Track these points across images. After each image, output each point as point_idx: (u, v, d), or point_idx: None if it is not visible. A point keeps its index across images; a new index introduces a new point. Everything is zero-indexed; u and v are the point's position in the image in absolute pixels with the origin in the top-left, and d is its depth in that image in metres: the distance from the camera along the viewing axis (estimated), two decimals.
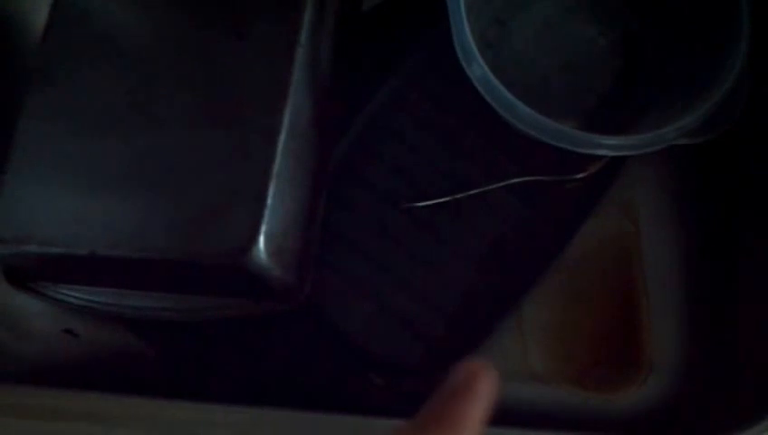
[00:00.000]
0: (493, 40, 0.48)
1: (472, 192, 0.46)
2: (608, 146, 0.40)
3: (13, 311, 0.47)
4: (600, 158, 0.46)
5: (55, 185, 0.41)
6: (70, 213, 0.40)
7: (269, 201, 0.38)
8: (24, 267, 0.43)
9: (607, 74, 0.49)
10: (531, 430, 0.41)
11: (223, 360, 0.46)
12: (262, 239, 0.37)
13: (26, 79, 0.44)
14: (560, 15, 0.49)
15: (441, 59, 0.47)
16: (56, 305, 0.44)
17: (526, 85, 0.47)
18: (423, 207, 0.45)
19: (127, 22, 0.44)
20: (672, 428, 0.46)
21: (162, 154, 0.40)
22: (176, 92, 0.41)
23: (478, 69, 0.39)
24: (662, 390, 0.47)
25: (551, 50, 0.49)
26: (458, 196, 0.45)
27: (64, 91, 0.43)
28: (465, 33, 0.40)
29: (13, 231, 0.41)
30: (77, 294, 0.43)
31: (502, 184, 0.46)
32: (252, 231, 0.37)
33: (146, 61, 0.43)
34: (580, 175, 0.46)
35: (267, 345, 0.45)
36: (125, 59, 0.43)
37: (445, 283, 0.45)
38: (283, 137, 0.39)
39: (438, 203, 0.45)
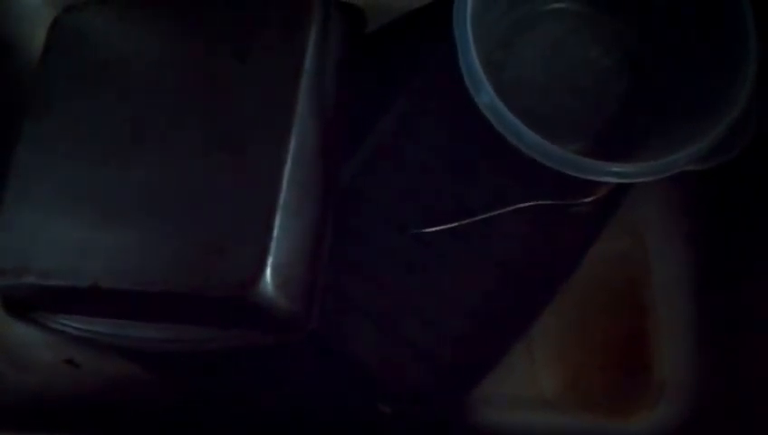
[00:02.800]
0: (497, 63, 0.47)
1: (479, 217, 0.45)
2: (616, 173, 0.39)
3: (12, 341, 0.46)
4: (608, 182, 0.45)
5: (54, 215, 0.40)
6: (70, 244, 0.39)
7: (275, 232, 0.37)
8: (23, 298, 0.42)
9: (613, 97, 0.48)
10: None
11: (227, 391, 0.45)
12: (268, 272, 0.37)
13: (24, 104, 0.44)
14: (564, 37, 0.49)
15: (447, 82, 0.47)
16: (56, 336, 0.44)
17: (531, 108, 0.46)
18: (430, 232, 0.45)
19: (126, 47, 0.43)
20: None
21: (165, 184, 0.39)
22: (178, 121, 0.41)
23: (486, 96, 0.39)
24: (673, 412, 0.46)
25: (556, 72, 0.48)
26: (466, 221, 0.45)
27: (63, 118, 0.42)
28: (472, 60, 0.39)
29: (10, 262, 0.40)
30: (77, 325, 0.42)
31: (510, 208, 0.45)
32: (258, 263, 0.37)
33: (146, 87, 0.42)
34: (589, 199, 0.46)
35: (273, 376, 0.45)
36: (125, 85, 0.42)
37: (453, 308, 0.44)
38: (288, 166, 0.38)
39: (446, 228, 0.45)
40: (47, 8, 0.50)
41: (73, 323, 0.42)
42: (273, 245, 0.37)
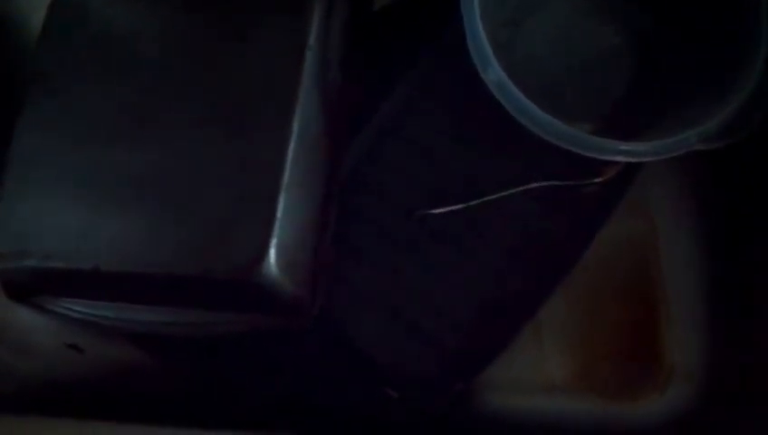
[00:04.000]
0: (505, 41, 0.46)
1: (487, 199, 0.44)
2: (627, 152, 0.38)
3: (14, 326, 0.46)
4: (619, 161, 0.44)
5: (55, 197, 0.40)
6: (72, 226, 0.39)
7: (279, 213, 0.36)
8: (25, 282, 0.41)
9: (622, 76, 0.47)
10: None
11: (231, 376, 0.44)
12: (272, 253, 0.36)
13: (23, 85, 0.43)
14: (573, 16, 0.48)
15: (453, 61, 0.46)
16: (59, 320, 0.43)
17: (540, 88, 0.45)
18: (437, 215, 0.44)
19: (127, 26, 0.42)
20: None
21: (167, 165, 0.39)
22: (180, 101, 0.40)
23: (494, 73, 0.38)
24: (683, 396, 0.46)
25: (564, 51, 0.48)
26: (473, 203, 0.44)
27: (63, 99, 0.42)
28: (479, 37, 0.38)
29: (11, 245, 0.39)
30: (80, 309, 0.42)
31: (518, 190, 0.44)
32: (262, 245, 0.36)
33: (148, 67, 0.41)
34: (598, 180, 0.45)
35: (277, 361, 0.44)
36: (126, 66, 0.41)
37: (460, 293, 0.44)
38: (292, 146, 0.38)
39: (453, 211, 0.44)
40: None
41: (76, 307, 0.42)
42: (276, 226, 0.36)
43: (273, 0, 0.40)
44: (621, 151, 0.38)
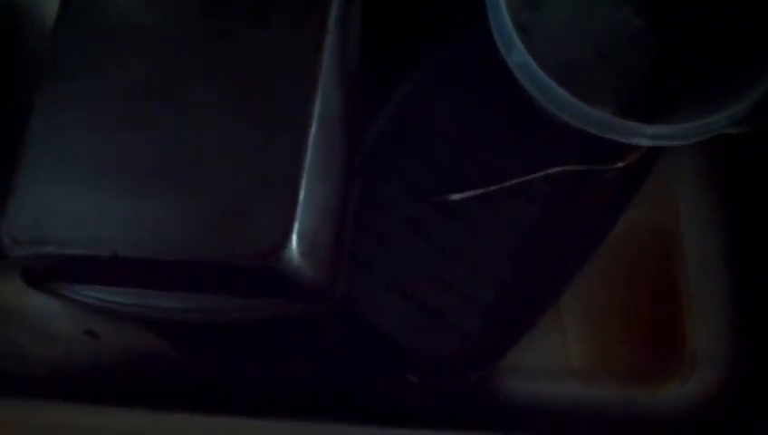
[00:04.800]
0: (525, 24, 0.46)
1: (507, 183, 0.44)
2: (655, 136, 0.38)
3: (31, 313, 0.46)
4: (641, 146, 0.44)
5: (72, 183, 0.39)
6: (89, 212, 0.38)
7: (301, 197, 0.36)
8: (42, 268, 0.41)
9: (641, 58, 0.47)
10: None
11: (250, 362, 0.44)
12: (294, 238, 0.35)
13: (36, 70, 0.43)
14: None
15: (473, 44, 0.45)
16: (76, 306, 0.43)
17: (560, 70, 0.44)
18: (457, 200, 0.43)
19: (142, 12, 0.42)
20: (716, 422, 0.44)
21: (186, 148, 0.38)
22: (197, 83, 0.39)
23: (519, 56, 0.37)
24: (705, 384, 0.45)
25: (584, 33, 0.47)
26: (493, 187, 0.44)
27: (77, 85, 0.41)
28: (504, 20, 0.38)
29: (29, 232, 0.39)
30: (97, 295, 0.41)
31: (539, 174, 0.44)
32: (284, 229, 0.35)
33: (163, 53, 0.40)
34: (620, 164, 0.44)
35: (297, 346, 0.44)
36: (141, 51, 0.41)
37: (480, 277, 0.44)
38: (313, 128, 0.37)
39: (472, 195, 0.44)
40: None
41: (94, 293, 0.41)
42: (298, 211, 0.36)
43: None
44: (649, 135, 0.38)
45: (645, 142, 0.38)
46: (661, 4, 0.46)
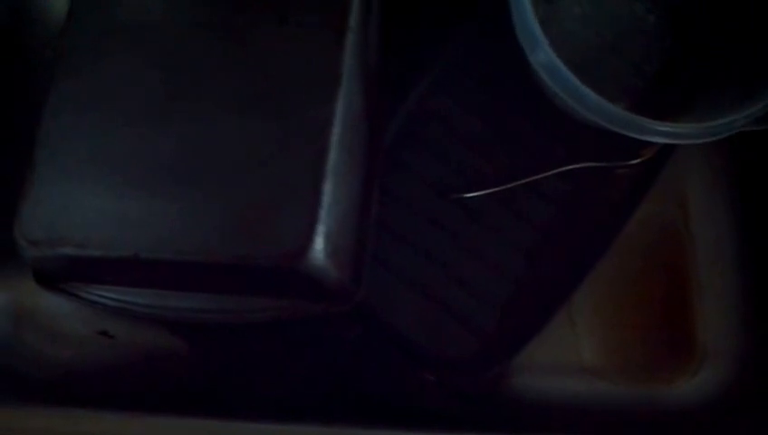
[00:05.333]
0: (542, 19, 0.45)
1: (523, 181, 0.44)
2: (678, 134, 0.38)
3: (44, 313, 0.45)
4: (654, 143, 0.44)
5: (88, 183, 0.39)
6: (108, 212, 0.38)
7: (325, 198, 0.36)
8: (57, 269, 0.41)
9: (656, 54, 0.47)
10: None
11: (267, 361, 0.44)
12: (319, 239, 0.35)
13: (46, 69, 0.42)
14: None
15: (489, 41, 0.45)
16: (90, 307, 0.42)
17: (575, 66, 0.45)
18: (472, 197, 0.43)
19: (157, 8, 0.41)
20: (727, 417, 0.45)
21: (206, 148, 0.38)
22: (216, 84, 0.39)
23: (543, 54, 0.37)
24: (716, 378, 0.46)
25: (597, 28, 0.47)
26: (510, 185, 0.44)
27: (91, 83, 0.40)
28: (528, 18, 0.37)
29: (45, 233, 0.38)
30: (114, 296, 0.41)
31: (555, 172, 0.44)
32: (308, 231, 0.35)
33: (180, 50, 0.40)
34: (635, 161, 0.44)
35: (315, 345, 0.43)
36: (157, 48, 0.40)
37: (496, 274, 0.44)
38: (336, 128, 0.37)
39: (488, 193, 0.44)
40: None
41: (110, 294, 0.41)
42: (323, 211, 0.35)
43: None
44: (671, 134, 0.38)
45: (665, 141, 0.38)
46: (677, 2, 0.46)
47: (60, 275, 0.41)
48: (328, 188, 0.36)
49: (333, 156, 0.36)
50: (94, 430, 0.39)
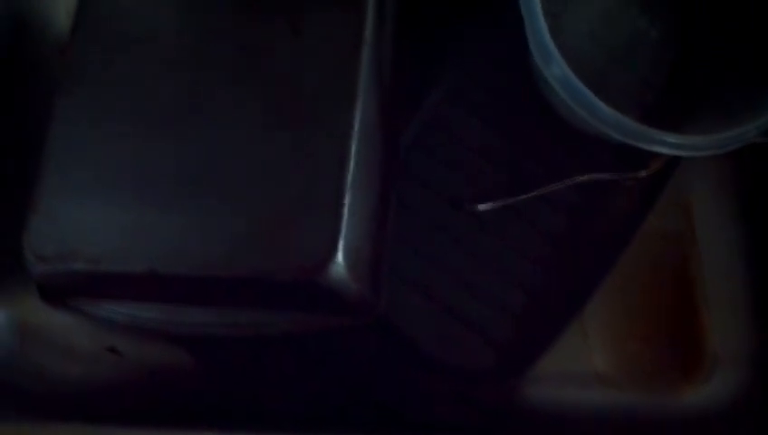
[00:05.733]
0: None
1: (536, 192, 0.44)
2: (692, 147, 0.38)
3: (52, 329, 0.44)
4: (663, 154, 0.44)
5: (98, 196, 0.38)
6: (121, 226, 0.37)
7: (345, 210, 0.35)
8: (65, 285, 0.40)
9: (661, 68, 0.47)
10: None
11: (281, 376, 0.43)
12: (340, 251, 0.35)
13: (51, 81, 0.41)
14: (610, 8, 0.48)
15: (499, 53, 0.46)
16: (98, 323, 0.42)
17: (583, 80, 0.45)
18: (483, 209, 0.44)
19: (167, 19, 0.41)
20: (741, 423, 0.45)
21: (222, 161, 0.37)
22: (231, 96, 0.38)
23: (558, 68, 0.38)
24: (727, 385, 0.46)
25: (603, 43, 0.47)
26: (522, 197, 0.44)
27: (100, 94, 0.40)
28: (542, 32, 0.38)
29: (55, 248, 0.38)
30: (125, 311, 0.40)
31: (565, 183, 0.44)
32: (329, 243, 0.35)
33: (192, 61, 0.40)
34: (644, 172, 0.45)
35: (330, 359, 0.43)
36: (169, 59, 0.40)
37: (511, 285, 0.44)
38: (355, 140, 0.37)
39: (501, 205, 0.44)
40: None
41: (120, 310, 0.40)
42: (343, 223, 0.35)
43: None
44: (684, 146, 0.38)
45: (679, 153, 0.39)
46: (679, 15, 0.47)
47: (68, 291, 0.40)
48: (348, 200, 0.36)
49: (353, 168, 0.36)
50: None
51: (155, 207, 0.37)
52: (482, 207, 0.44)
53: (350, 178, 0.36)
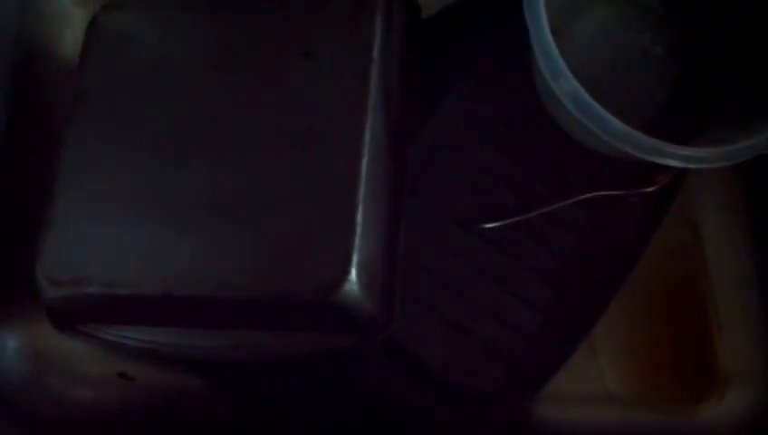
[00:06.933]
0: None
1: (542, 210, 0.44)
2: (703, 159, 0.38)
3: (62, 354, 0.44)
4: (670, 169, 0.45)
5: (111, 220, 0.38)
6: (134, 250, 0.37)
7: (358, 229, 0.36)
8: (78, 310, 0.40)
9: (665, 84, 0.48)
10: None
11: (293, 398, 0.43)
12: (354, 271, 0.35)
13: (60, 105, 0.42)
14: (612, 24, 0.48)
15: (506, 70, 0.46)
16: (108, 348, 0.42)
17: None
18: (491, 227, 0.44)
19: (176, 46, 0.41)
20: None
21: (234, 184, 0.38)
22: (241, 120, 0.39)
23: (567, 84, 0.38)
24: (740, 403, 0.46)
25: (606, 59, 0.48)
26: (529, 215, 0.44)
27: (111, 120, 0.41)
28: (551, 48, 0.38)
29: (69, 272, 0.38)
30: (137, 336, 0.40)
31: (572, 201, 0.44)
32: (343, 262, 0.35)
33: (202, 87, 0.40)
34: (651, 188, 0.45)
35: (341, 381, 0.43)
36: (179, 85, 0.40)
37: (521, 304, 0.44)
38: (366, 159, 0.37)
39: (508, 223, 0.44)
40: (77, 8, 0.48)
41: (132, 334, 0.40)
42: (356, 243, 0.35)
43: (334, 15, 0.40)
44: (695, 159, 0.38)
45: (691, 165, 0.39)
46: (679, 30, 0.48)
47: (82, 315, 0.40)
48: (361, 220, 0.36)
49: (364, 186, 0.36)
50: None
51: (168, 231, 0.37)
52: (490, 225, 0.44)
53: (361, 195, 0.36)
